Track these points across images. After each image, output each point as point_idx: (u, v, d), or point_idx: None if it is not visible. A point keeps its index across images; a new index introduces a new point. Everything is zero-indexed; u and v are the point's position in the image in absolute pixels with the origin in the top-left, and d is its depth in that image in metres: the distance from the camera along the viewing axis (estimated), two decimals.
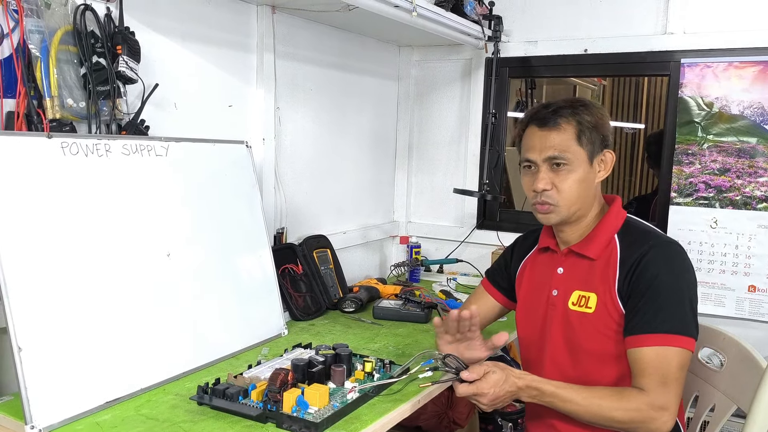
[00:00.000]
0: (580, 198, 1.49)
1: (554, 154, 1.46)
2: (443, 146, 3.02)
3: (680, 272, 1.41)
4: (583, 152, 1.47)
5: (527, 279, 1.68)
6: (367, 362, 1.57)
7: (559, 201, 1.48)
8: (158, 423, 1.35)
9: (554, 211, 1.49)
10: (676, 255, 1.43)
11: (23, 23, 1.44)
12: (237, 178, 1.92)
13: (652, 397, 1.34)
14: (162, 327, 1.58)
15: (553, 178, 1.47)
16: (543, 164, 1.48)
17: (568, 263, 1.56)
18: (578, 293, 1.51)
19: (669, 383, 1.35)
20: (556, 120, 1.47)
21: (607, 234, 1.51)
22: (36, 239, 1.34)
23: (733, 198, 2.36)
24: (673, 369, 1.35)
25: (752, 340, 1.58)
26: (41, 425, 1.27)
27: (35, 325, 1.31)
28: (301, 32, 2.35)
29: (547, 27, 2.71)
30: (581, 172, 1.47)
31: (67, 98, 1.51)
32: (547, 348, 1.56)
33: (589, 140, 1.47)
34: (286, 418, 1.33)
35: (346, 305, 2.26)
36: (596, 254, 1.50)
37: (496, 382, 1.35)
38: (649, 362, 1.36)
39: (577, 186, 1.47)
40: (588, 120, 1.47)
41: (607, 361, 1.46)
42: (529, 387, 1.38)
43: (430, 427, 2.36)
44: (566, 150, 1.46)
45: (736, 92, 2.34)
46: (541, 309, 1.59)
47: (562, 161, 1.46)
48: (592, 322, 1.47)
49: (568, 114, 1.47)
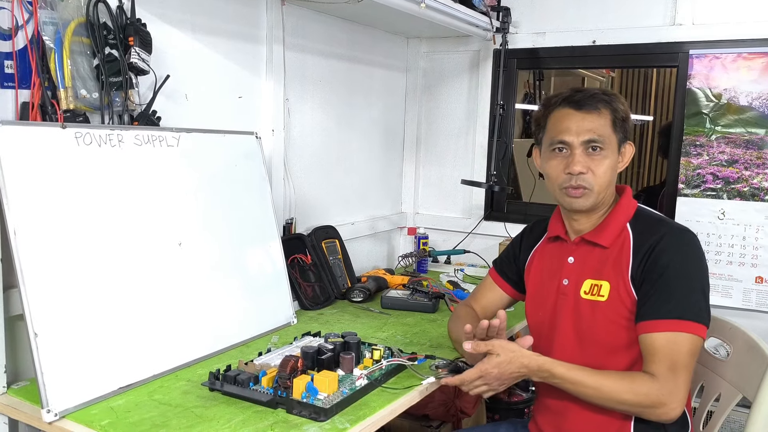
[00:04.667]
0: (610, 184, 1.50)
1: (593, 137, 1.45)
2: (451, 138, 3.02)
3: (693, 259, 1.41)
4: (615, 139, 1.47)
5: (536, 268, 1.67)
6: (376, 350, 1.59)
7: (594, 185, 1.46)
8: (171, 408, 1.37)
9: (586, 195, 1.47)
10: (689, 242, 1.43)
11: (37, 15, 1.45)
12: (247, 168, 1.94)
13: (661, 383, 1.35)
14: (174, 315, 1.60)
15: (588, 161, 1.45)
16: (579, 147, 1.45)
17: (580, 252, 1.55)
18: (590, 282, 1.50)
19: (678, 369, 1.35)
20: (595, 103, 1.46)
21: (619, 223, 1.50)
22: (51, 228, 1.37)
23: (740, 189, 2.36)
24: (683, 355, 1.35)
25: (759, 330, 1.58)
26: (57, 409, 1.30)
27: (51, 312, 1.33)
28: (310, 24, 2.36)
29: (556, 18, 2.70)
30: (613, 158, 1.47)
31: (81, 89, 1.52)
32: (556, 338, 1.56)
33: (621, 129, 1.48)
34: (296, 404, 1.35)
35: (354, 295, 2.28)
36: (609, 242, 1.50)
37: (499, 363, 1.38)
38: (659, 348, 1.36)
39: (610, 172, 1.47)
40: (621, 109, 1.48)
41: (617, 350, 1.46)
42: (541, 369, 1.40)
43: (438, 415, 2.38)
44: (604, 134, 1.45)
45: (745, 83, 2.33)
46: (551, 298, 1.58)
47: (598, 145, 1.45)
48: (604, 311, 1.47)
49: (604, 99, 1.47)
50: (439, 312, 2.19)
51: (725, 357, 1.64)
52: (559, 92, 1.53)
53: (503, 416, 2.52)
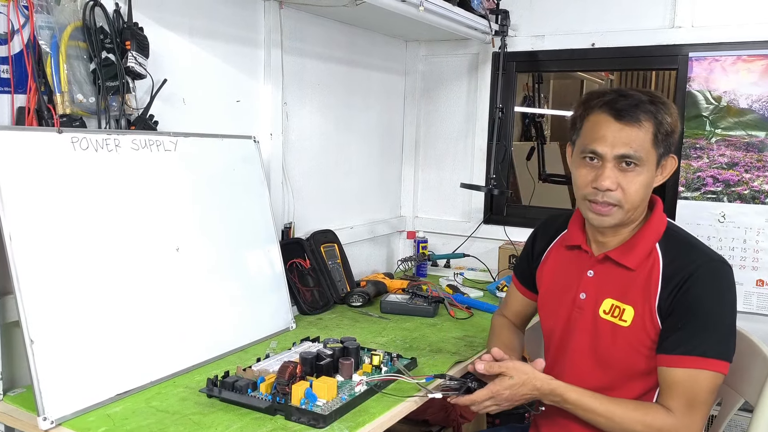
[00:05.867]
0: (642, 202, 1.38)
1: (629, 153, 1.32)
2: (450, 141, 3.02)
3: (725, 294, 1.33)
4: (654, 155, 1.35)
5: (550, 273, 1.59)
6: (375, 355, 1.58)
7: (623, 203, 1.35)
8: (168, 415, 1.36)
9: (613, 214, 1.36)
10: (724, 276, 1.34)
11: (33, 19, 1.45)
12: (245, 173, 1.93)
13: (678, 419, 1.30)
14: (171, 321, 1.59)
15: (619, 177, 1.33)
16: (611, 160, 1.33)
17: (602, 268, 1.45)
18: (612, 302, 1.42)
19: (696, 406, 1.30)
20: (638, 115, 1.32)
21: (648, 242, 1.40)
22: (47, 234, 1.36)
23: (741, 192, 2.36)
24: (703, 393, 1.30)
25: (760, 334, 1.57)
26: (53, 417, 1.29)
27: (47, 318, 1.32)
28: (308, 27, 2.35)
29: (555, 21, 2.70)
30: (649, 175, 1.35)
31: (77, 94, 1.52)
32: (569, 352, 1.50)
33: (663, 143, 1.35)
34: (295, 410, 1.34)
35: (353, 299, 2.27)
36: (636, 265, 1.39)
37: (512, 385, 1.35)
38: (679, 383, 1.31)
39: (643, 190, 1.35)
40: (668, 121, 1.34)
41: (634, 376, 1.40)
42: (553, 393, 1.37)
43: (437, 420, 2.37)
44: (641, 150, 1.32)
45: (745, 86, 2.33)
46: (565, 309, 1.51)
47: (633, 161, 1.32)
48: (626, 337, 1.39)
49: (650, 111, 1.33)
50: (439, 316, 2.18)
51: None
52: (603, 92, 1.39)
53: (503, 421, 2.50)
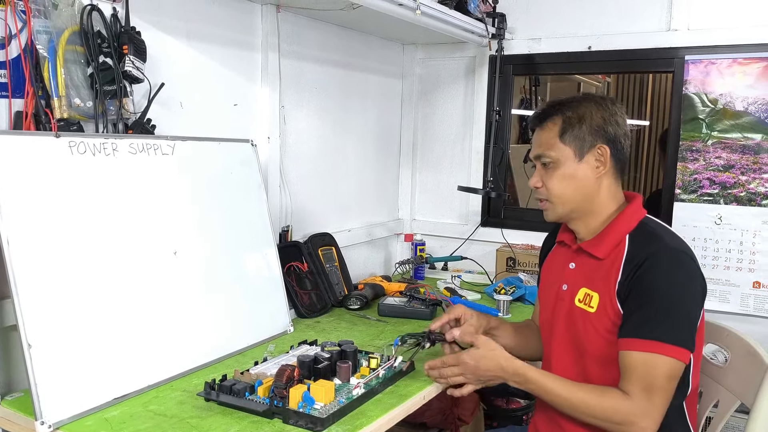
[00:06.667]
0: (574, 195, 1.50)
1: (540, 152, 1.52)
2: (447, 144, 3.02)
3: (682, 281, 1.37)
4: (567, 149, 1.48)
5: (546, 270, 1.70)
6: (373, 358, 1.58)
7: (550, 197, 1.52)
8: (166, 419, 1.36)
9: (548, 208, 1.54)
10: (680, 263, 1.38)
11: (31, 24, 1.45)
12: (242, 176, 1.93)
13: (633, 402, 1.33)
14: (169, 324, 1.59)
15: (544, 175, 1.52)
16: (537, 162, 1.54)
17: (580, 259, 1.55)
18: (584, 290, 1.49)
19: (654, 391, 1.32)
20: (543, 119, 1.52)
21: (618, 234, 1.47)
22: (44, 238, 1.36)
23: (737, 194, 2.36)
24: (659, 378, 1.33)
25: (757, 335, 1.58)
26: (51, 421, 1.29)
27: (45, 322, 1.32)
28: (305, 31, 2.36)
29: (551, 24, 2.71)
30: (567, 169, 1.49)
31: (75, 98, 1.52)
32: (553, 343, 1.57)
33: (576, 136, 1.47)
34: (293, 414, 1.34)
35: (351, 302, 2.27)
36: (604, 254, 1.47)
37: (478, 356, 1.44)
38: (635, 367, 1.34)
39: (563, 183, 1.49)
40: (574, 115, 1.48)
41: (609, 363, 1.43)
42: (516, 373, 1.43)
43: (435, 423, 2.37)
44: (550, 148, 1.50)
45: (741, 88, 2.33)
46: (551, 302, 1.59)
47: (547, 159, 1.51)
48: (593, 322, 1.46)
49: (555, 111, 1.50)
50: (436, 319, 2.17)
51: (723, 363, 1.63)
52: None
53: (501, 423, 2.51)
